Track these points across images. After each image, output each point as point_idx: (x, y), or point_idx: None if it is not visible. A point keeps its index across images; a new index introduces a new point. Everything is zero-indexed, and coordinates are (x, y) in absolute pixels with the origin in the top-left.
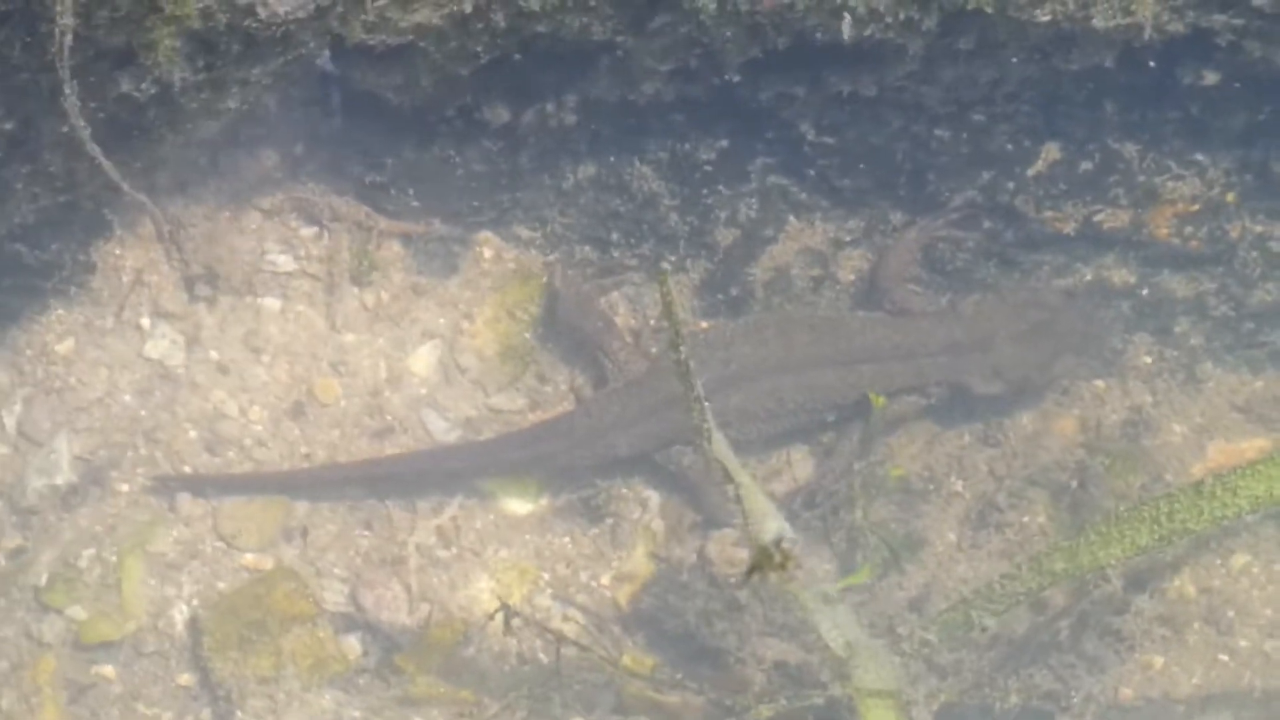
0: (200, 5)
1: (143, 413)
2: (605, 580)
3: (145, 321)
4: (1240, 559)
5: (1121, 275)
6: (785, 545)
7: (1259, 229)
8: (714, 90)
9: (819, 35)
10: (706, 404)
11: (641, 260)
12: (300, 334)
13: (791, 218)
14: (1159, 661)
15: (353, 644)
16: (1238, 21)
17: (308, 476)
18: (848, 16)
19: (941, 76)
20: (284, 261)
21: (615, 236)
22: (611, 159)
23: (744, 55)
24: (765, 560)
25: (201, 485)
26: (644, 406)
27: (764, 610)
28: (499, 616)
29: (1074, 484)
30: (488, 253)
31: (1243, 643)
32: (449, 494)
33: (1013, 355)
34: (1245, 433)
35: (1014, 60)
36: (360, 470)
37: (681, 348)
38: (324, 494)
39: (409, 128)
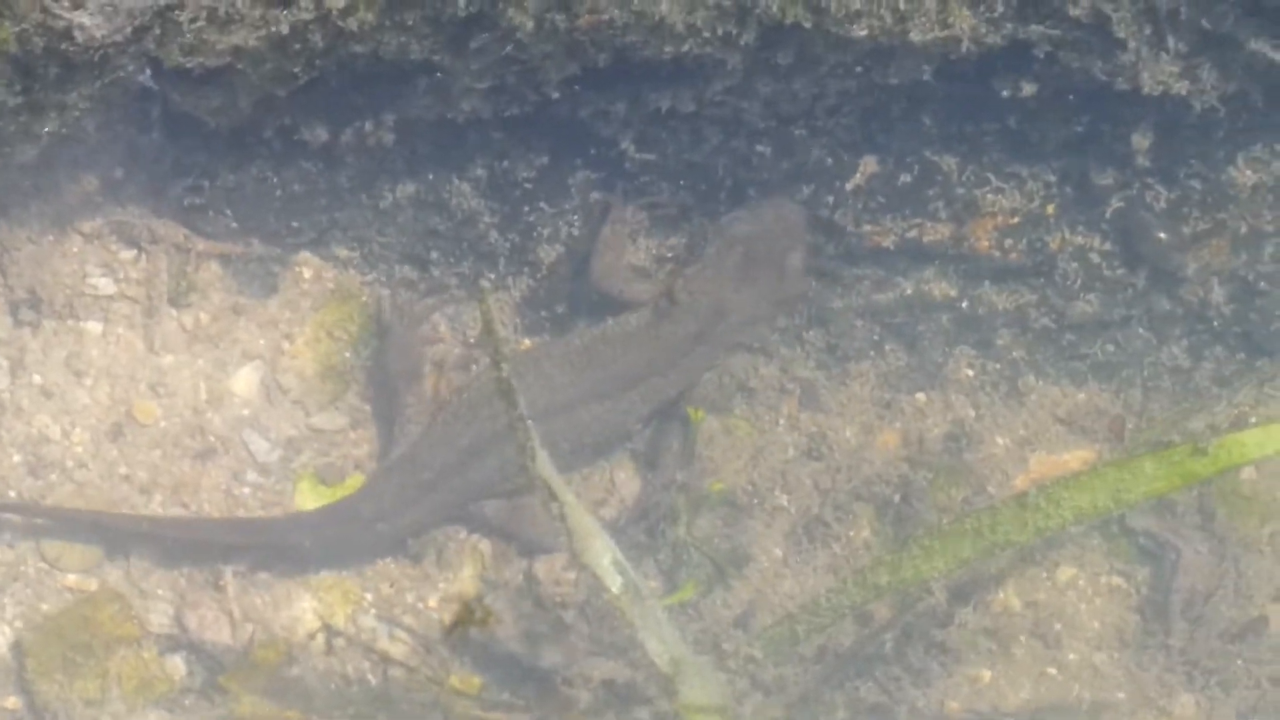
0: (17, 29)
1: None
2: (432, 602)
3: None
4: (1066, 572)
5: (942, 288)
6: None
7: (1079, 240)
8: (533, 108)
9: (638, 51)
10: (530, 423)
11: (461, 279)
12: (120, 356)
13: (606, 229)
14: (986, 675)
15: (178, 664)
16: (1054, 32)
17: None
18: None
19: (761, 91)
20: (104, 284)
21: (435, 255)
22: (430, 177)
23: (563, 72)
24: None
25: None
26: (430, 476)
27: (590, 629)
28: (320, 636)
29: (897, 498)
30: (307, 273)
31: (1071, 655)
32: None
33: (749, 301)
34: (1067, 444)
35: (832, 75)
36: (134, 525)
37: (504, 365)
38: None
39: (227, 149)
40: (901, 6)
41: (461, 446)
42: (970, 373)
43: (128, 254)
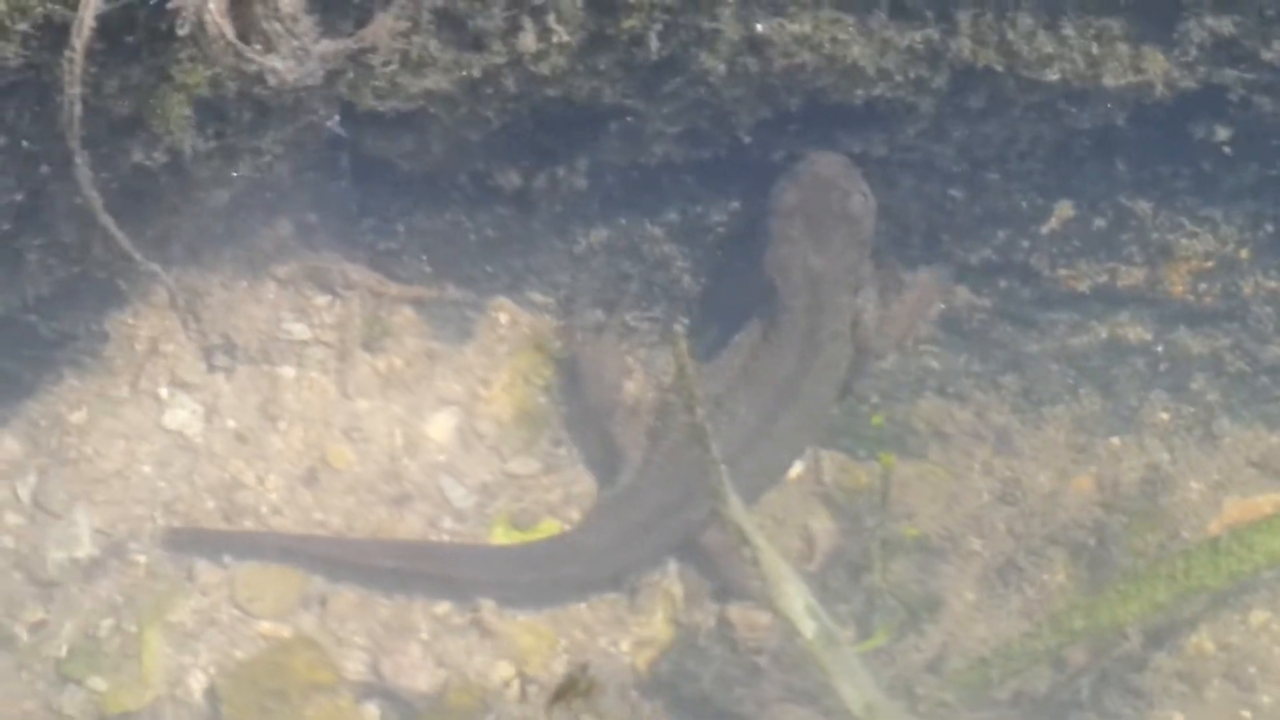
0: (209, 73)
1: (161, 484)
2: (624, 646)
3: (163, 391)
4: (1259, 615)
5: (1137, 332)
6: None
7: (1272, 285)
8: (725, 151)
9: (830, 95)
10: (723, 467)
11: (653, 324)
12: (315, 401)
13: None
14: (1179, 718)
15: (373, 711)
16: (1249, 76)
17: (311, 545)
18: None
19: (953, 135)
20: (298, 329)
21: (627, 299)
22: (623, 221)
23: (755, 116)
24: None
25: (216, 545)
26: (649, 514)
27: (783, 676)
28: (515, 683)
29: (1092, 542)
30: (503, 318)
31: (1265, 699)
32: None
33: (835, 258)
34: (1262, 488)
35: (1025, 118)
36: (351, 552)
37: (697, 410)
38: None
39: (421, 193)
40: (1094, 51)
41: (680, 484)
42: (1165, 416)
43: (322, 299)
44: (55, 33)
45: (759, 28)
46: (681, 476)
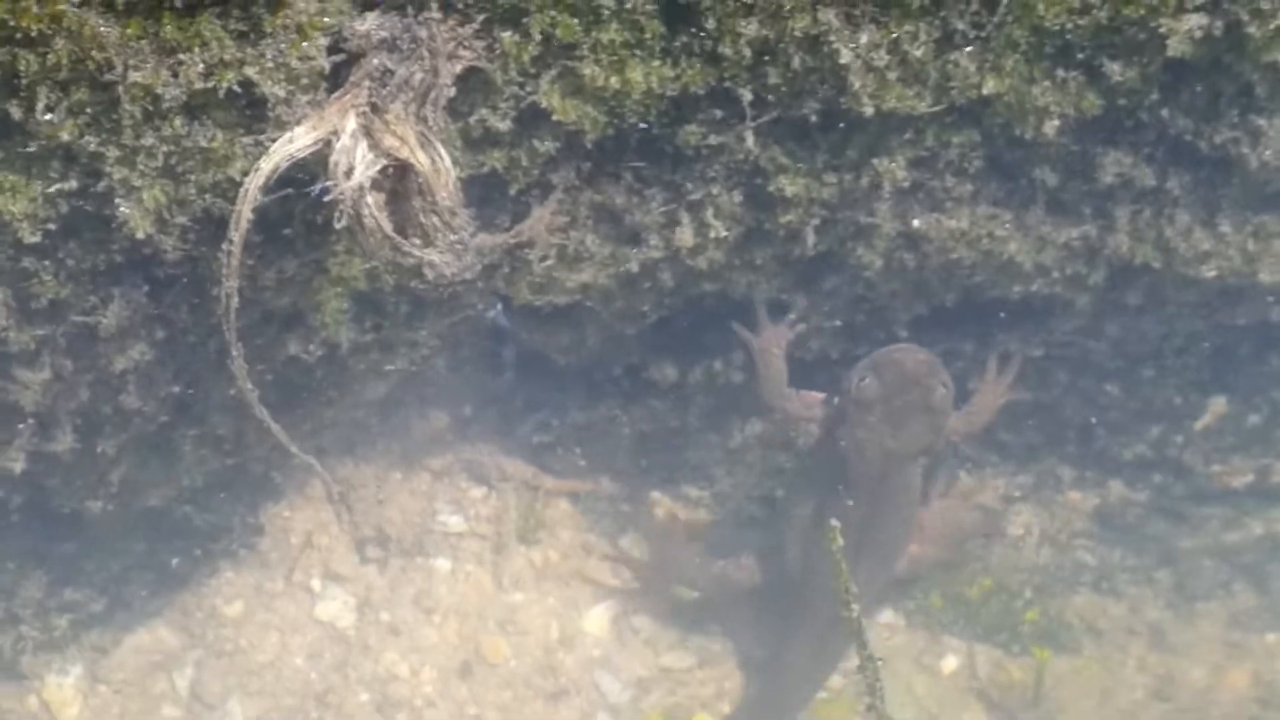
0: (366, 266)
1: (313, 675)
2: None
3: (316, 584)
4: None
5: None
6: None
7: None
8: (881, 346)
9: (986, 291)
10: (879, 663)
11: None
12: (470, 594)
13: (962, 473)
14: None
15: None
16: None
17: None
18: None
19: (1109, 331)
20: (454, 522)
21: (781, 493)
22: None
23: (911, 311)
24: None
25: None
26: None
27: None
28: None
29: None
30: (658, 511)
31: None
32: None
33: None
34: None
35: (1180, 314)
36: None
37: (855, 605)
38: None
39: (576, 386)
40: (1250, 247)
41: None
42: None
43: (477, 491)
44: (213, 225)
45: (916, 223)
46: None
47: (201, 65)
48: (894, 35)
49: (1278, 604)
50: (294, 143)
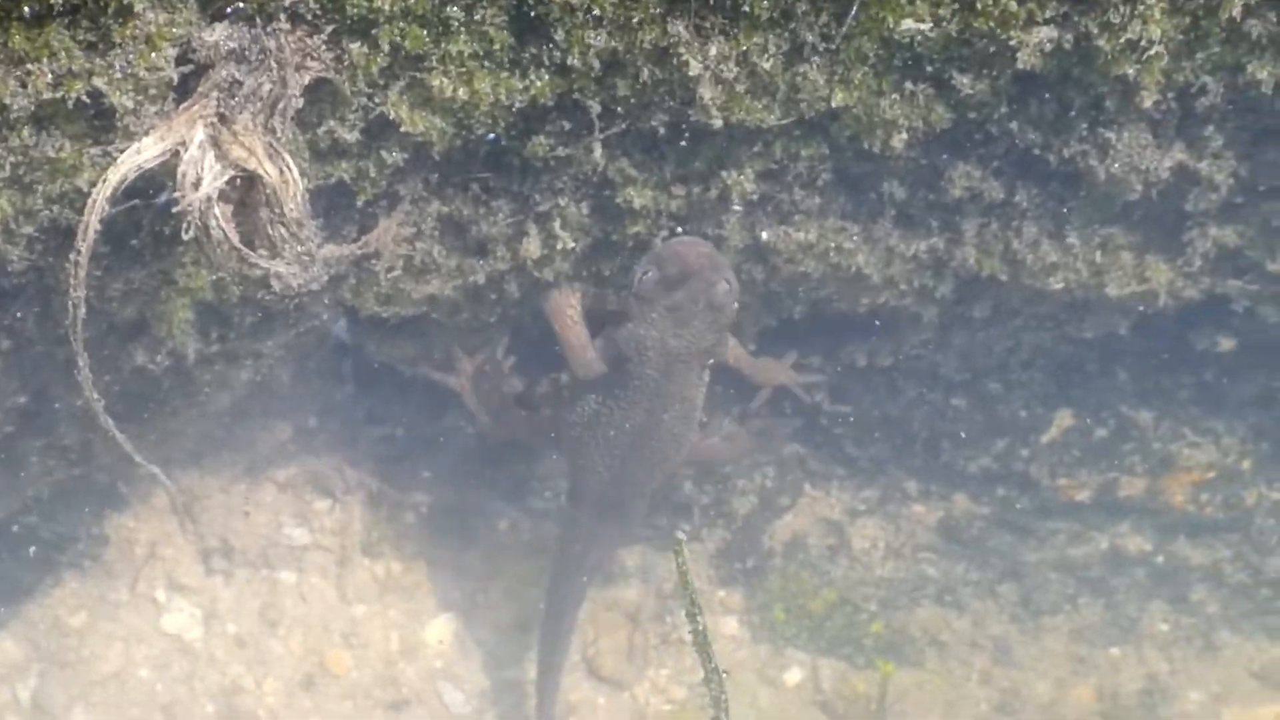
0: (213, 277)
1: (159, 687)
2: None
3: (161, 595)
4: None
5: (1137, 543)
6: None
7: (1276, 496)
8: None
9: (834, 304)
10: (724, 676)
11: (656, 531)
12: (314, 606)
13: (808, 486)
14: None
15: None
16: (1253, 287)
17: None
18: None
19: (956, 344)
20: (298, 534)
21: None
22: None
23: (759, 324)
24: None
25: None
26: None
27: None
28: None
29: None
30: (502, 524)
31: None
32: None
33: (692, 340)
34: (1262, 699)
35: (1027, 328)
36: None
37: (699, 618)
38: None
39: (422, 398)
40: (1098, 260)
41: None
42: (1165, 627)
43: (321, 504)
44: (60, 236)
45: (764, 235)
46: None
47: (50, 75)
48: (743, 47)
49: (1122, 618)
50: (142, 153)
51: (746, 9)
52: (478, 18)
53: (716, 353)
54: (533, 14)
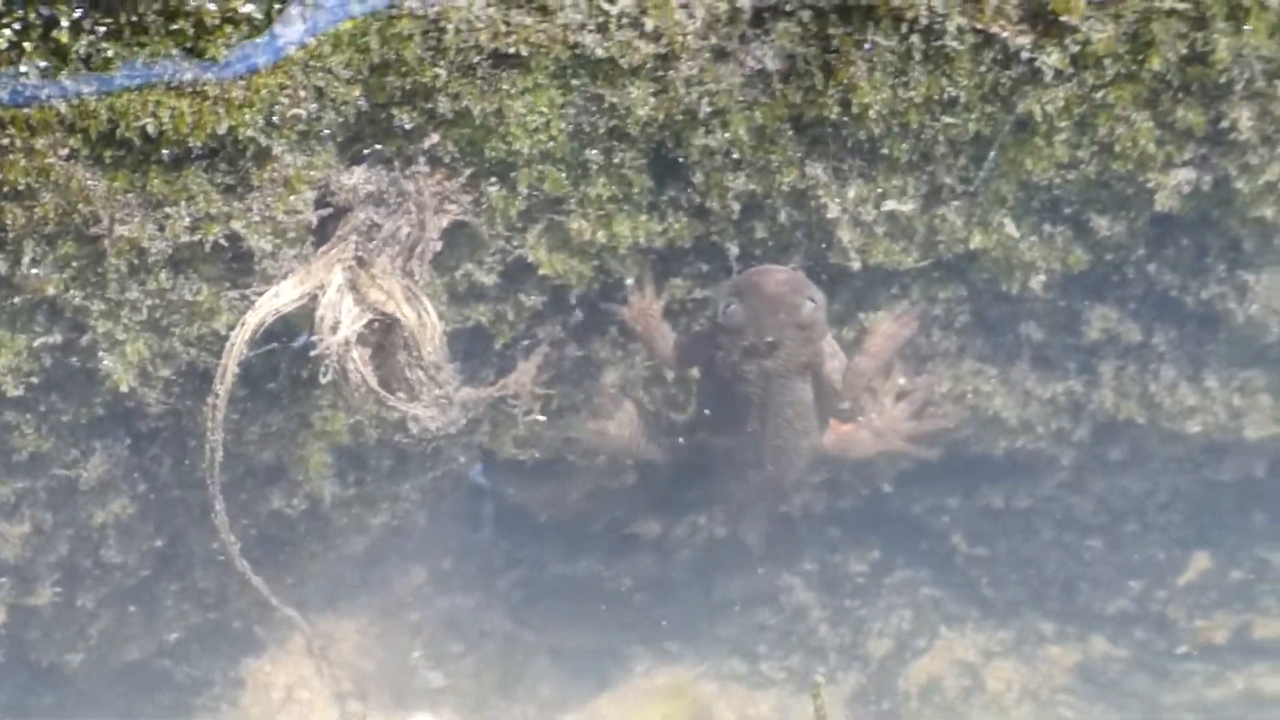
0: (351, 420)
1: None
2: None
3: None
4: None
5: (1273, 684)
6: None
7: None
8: (865, 501)
9: (971, 446)
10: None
11: (790, 673)
12: None
13: (943, 628)
14: None
15: None
16: None
17: None
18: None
19: (1093, 487)
20: (433, 677)
21: (763, 649)
22: (760, 571)
23: (897, 467)
24: None
25: None
26: None
27: None
28: None
29: None
30: (639, 667)
31: None
32: None
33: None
34: None
35: (1165, 470)
36: None
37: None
38: None
39: (558, 542)
40: (1236, 403)
41: None
42: None
43: (457, 646)
44: (198, 379)
45: (901, 380)
46: None
47: (188, 219)
48: (881, 189)
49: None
50: (280, 297)
51: (885, 151)
52: (616, 160)
53: (815, 364)
54: (671, 156)
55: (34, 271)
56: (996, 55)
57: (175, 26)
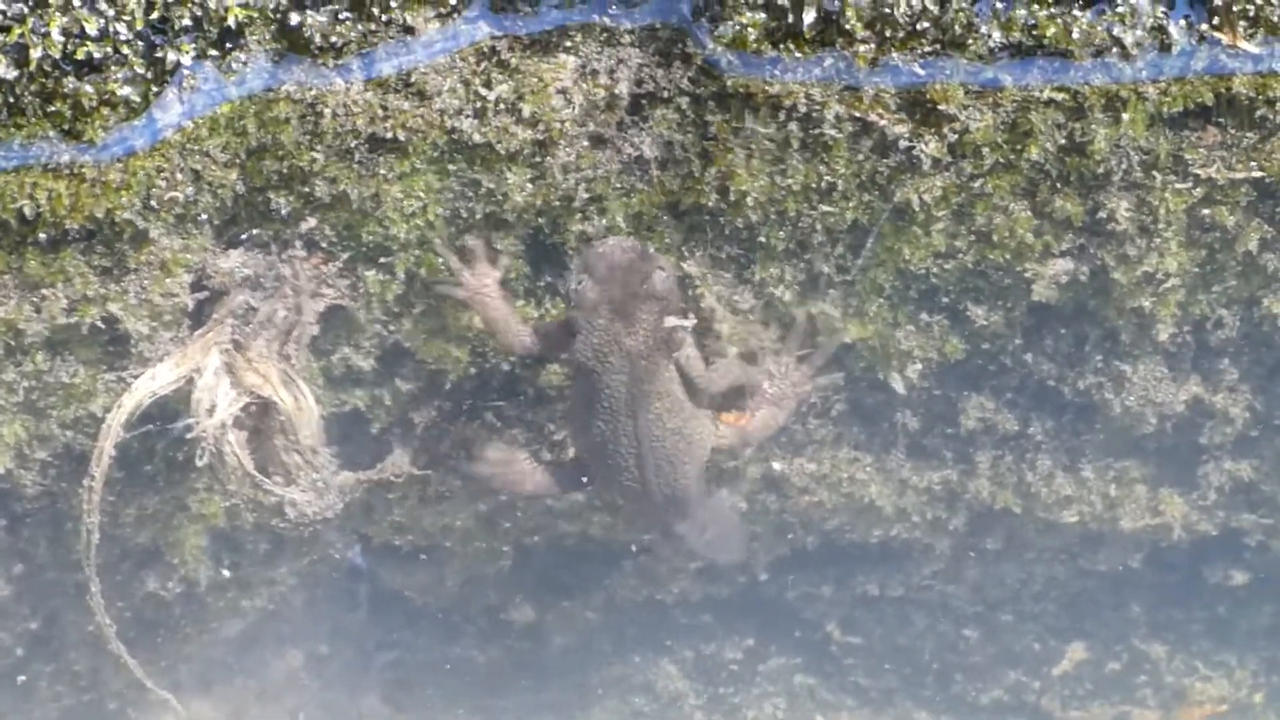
0: (227, 504)
1: None
2: None
3: None
4: None
5: None
6: None
7: None
8: (741, 588)
9: (846, 534)
10: None
11: None
12: None
13: (818, 716)
14: None
15: None
16: (1267, 521)
17: None
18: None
19: (968, 576)
20: None
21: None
22: (636, 659)
23: (772, 553)
24: None
25: None
26: None
27: None
28: None
29: None
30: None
31: None
32: None
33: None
34: None
35: (1040, 560)
36: None
37: None
38: None
39: (433, 626)
40: (1112, 493)
41: None
42: None
43: None
44: (74, 461)
45: (776, 466)
46: None
47: (65, 300)
48: (760, 277)
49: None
50: (156, 380)
51: (763, 239)
52: (497, 247)
53: (674, 342)
54: (549, 242)
55: None
56: (874, 143)
57: (53, 108)
